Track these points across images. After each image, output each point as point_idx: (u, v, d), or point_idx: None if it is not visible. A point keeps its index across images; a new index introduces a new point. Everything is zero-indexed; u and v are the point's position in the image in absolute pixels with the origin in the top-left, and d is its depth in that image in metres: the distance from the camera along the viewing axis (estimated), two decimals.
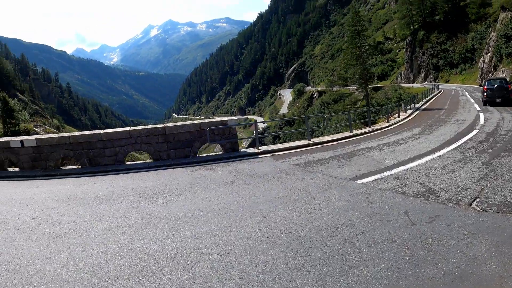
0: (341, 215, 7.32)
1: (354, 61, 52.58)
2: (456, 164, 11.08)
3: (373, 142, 17.29)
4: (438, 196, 8.20)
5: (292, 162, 13.68)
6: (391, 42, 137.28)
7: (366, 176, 10.40)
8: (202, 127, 16.45)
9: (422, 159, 12.19)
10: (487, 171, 10.02)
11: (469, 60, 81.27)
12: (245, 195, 9.39)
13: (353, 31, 52.90)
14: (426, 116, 28.91)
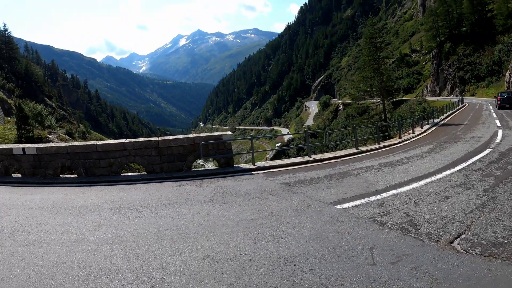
0: (299, 246, 6.81)
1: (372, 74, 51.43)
2: (454, 190, 10.18)
3: (376, 161, 16.44)
4: (418, 229, 7.40)
5: (282, 180, 13.19)
6: (417, 54, 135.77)
7: (350, 200, 9.74)
8: (196, 141, 16.18)
9: (419, 182, 11.33)
10: (486, 199, 9.11)
11: (496, 73, 79.33)
12: (216, 215, 9.19)
13: (370, 43, 51.82)
14: (443, 132, 27.83)
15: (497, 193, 9.53)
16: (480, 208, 8.42)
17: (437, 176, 12.12)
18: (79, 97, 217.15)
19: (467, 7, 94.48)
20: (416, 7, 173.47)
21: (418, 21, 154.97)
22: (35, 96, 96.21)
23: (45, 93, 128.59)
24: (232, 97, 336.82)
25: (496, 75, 79.35)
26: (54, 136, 41.85)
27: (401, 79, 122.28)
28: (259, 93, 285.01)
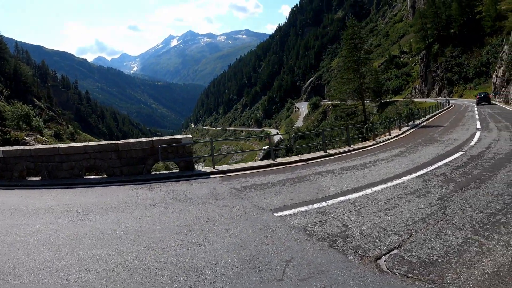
0: (216, 256, 6.50)
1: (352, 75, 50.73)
2: (406, 197, 9.60)
3: (339, 164, 15.79)
4: (347, 241, 6.84)
5: (236, 184, 12.81)
6: (406, 55, 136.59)
7: (292, 207, 9.27)
8: (155, 145, 15.81)
9: (372, 189, 10.71)
10: (437, 208, 8.52)
11: (483, 75, 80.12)
12: (154, 220, 8.96)
13: (350, 44, 51.13)
14: (420, 134, 27.30)
15: (451, 202, 8.94)
16: (426, 219, 7.82)
17: (394, 181, 11.53)
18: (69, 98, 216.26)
19: (456, 9, 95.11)
20: (406, 9, 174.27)
21: (408, 22, 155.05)
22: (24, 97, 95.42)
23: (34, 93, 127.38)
24: (223, 98, 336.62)
25: (484, 76, 79.90)
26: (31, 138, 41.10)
27: (390, 81, 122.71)
28: (249, 94, 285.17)
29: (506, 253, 5.97)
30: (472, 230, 7.07)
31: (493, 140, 20.19)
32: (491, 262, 5.70)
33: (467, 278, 5.24)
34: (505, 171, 12.10)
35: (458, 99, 78.65)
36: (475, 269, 5.48)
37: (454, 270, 5.48)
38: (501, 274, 5.32)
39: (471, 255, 5.97)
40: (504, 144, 18.58)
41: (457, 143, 20.01)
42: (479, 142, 19.94)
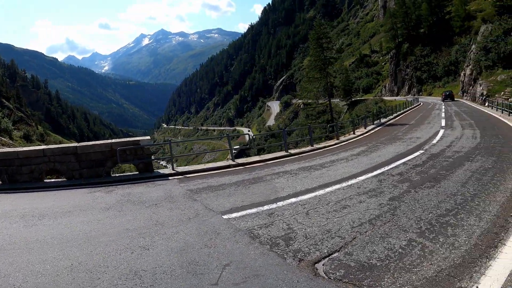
0: (158, 259, 6.46)
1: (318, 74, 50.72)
2: (358, 198, 9.55)
3: (298, 165, 15.62)
4: (289, 245, 6.78)
5: (192, 186, 12.61)
6: (377, 55, 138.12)
7: (242, 210, 9.21)
8: (113, 147, 15.48)
9: (326, 189, 10.64)
10: (387, 209, 8.48)
11: (452, 73, 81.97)
12: (105, 223, 8.84)
13: (316, 43, 51.08)
14: (384, 132, 27.39)
15: (402, 202, 8.90)
16: (373, 221, 7.76)
17: (349, 182, 11.44)
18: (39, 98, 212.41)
19: (426, 9, 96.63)
20: (377, 8, 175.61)
21: (379, 22, 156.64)
22: None
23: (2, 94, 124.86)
24: (195, 97, 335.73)
25: (453, 75, 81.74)
26: None
27: (360, 79, 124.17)
28: (221, 93, 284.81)
29: (449, 256, 5.88)
30: (418, 232, 7.00)
31: (455, 138, 20.33)
32: (431, 266, 5.60)
33: (403, 283, 5.14)
34: (462, 170, 12.10)
35: (427, 97, 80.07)
36: (413, 274, 5.38)
37: (391, 275, 5.37)
38: (440, 279, 5.21)
39: (412, 259, 5.87)
40: (466, 142, 18.70)
41: (419, 142, 20.08)
42: (441, 140, 20.04)
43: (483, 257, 5.83)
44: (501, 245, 6.23)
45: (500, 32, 52.35)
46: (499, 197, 8.91)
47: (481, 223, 7.26)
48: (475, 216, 7.66)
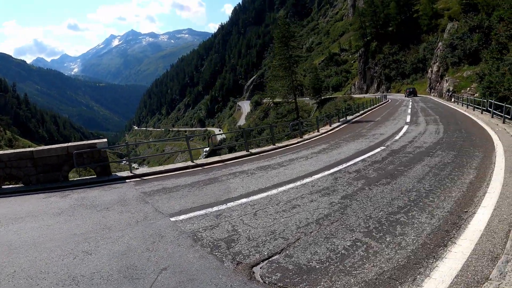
0: (99, 264, 6.30)
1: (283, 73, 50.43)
2: (310, 197, 9.33)
3: (256, 164, 15.35)
4: (230, 247, 6.61)
5: (147, 189, 12.33)
6: (346, 53, 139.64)
7: (191, 211, 9.01)
8: (69, 151, 15.15)
9: (279, 188, 10.43)
10: (336, 208, 8.27)
11: (420, 70, 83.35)
12: (55, 229, 8.59)
13: (281, 42, 50.80)
14: (349, 129, 27.28)
15: (354, 201, 8.71)
16: (321, 220, 7.55)
17: (304, 180, 11.21)
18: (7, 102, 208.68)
19: (394, 8, 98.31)
20: (347, 8, 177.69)
21: (348, 21, 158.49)
22: None
23: None
24: (166, 98, 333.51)
25: (420, 72, 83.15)
26: None
27: (330, 78, 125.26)
28: (192, 93, 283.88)
29: (393, 257, 5.63)
30: (365, 231, 6.76)
31: (418, 134, 20.32)
32: (373, 268, 5.35)
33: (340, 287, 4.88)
34: (420, 166, 11.97)
35: (395, 94, 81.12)
36: (353, 277, 5.14)
37: (329, 278, 5.14)
38: (380, 282, 4.96)
39: (353, 261, 5.63)
40: (428, 137, 18.66)
41: (382, 138, 19.98)
42: (404, 136, 19.99)
43: (430, 257, 5.59)
44: (451, 244, 6.01)
45: (466, 30, 52.97)
46: (455, 193, 8.75)
47: (432, 221, 7.04)
48: (427, 214, 7.45)
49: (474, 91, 40.68)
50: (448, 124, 24.18)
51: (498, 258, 5.36)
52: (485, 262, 5.30)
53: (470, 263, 5.31)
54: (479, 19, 50.38)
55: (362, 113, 42.78)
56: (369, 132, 23.46)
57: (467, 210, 7.51)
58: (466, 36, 52.41)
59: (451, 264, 5.31)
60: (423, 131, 21.22)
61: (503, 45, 37.17)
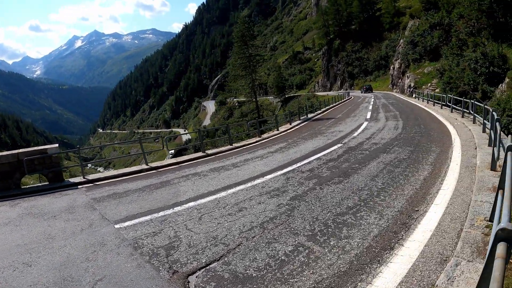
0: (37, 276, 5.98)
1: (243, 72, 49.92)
2: (259, 198, 9.06)
3: (210, 165, 14.91)
4: (169, 255, 6.31)
5: (97, 194, 11.81)
6: (310, 51, 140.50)
7: (137, 217, 8.68)
8: (20, 157, 14.35)
9: (229, 190, 10.16)
10: (284, 210, 7.99)
11: (382, 67, 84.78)
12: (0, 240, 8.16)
13: (240, 41, 50.27)
14: (309, 127, 26.95)
15: (303, 202, 8.42)
16: (265, 224, 7.27)
17: (256, 181, 10.90)
18: None
19: (356, 6, 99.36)
20: (310, 6, 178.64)
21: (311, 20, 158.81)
22: None
23: None
24: (130, 100, 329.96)
25: (383, 69, 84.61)
26: None
27: (293, 76, 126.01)
28: (156, 94, 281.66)
29: (335, 263, 5.33)
30: (309, 235, 6.46)
31: (377, 130, 20.22)
32: (312, 275, 5.05)
33: None
34: (375, 163, 11.77)
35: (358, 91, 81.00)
36: (289, 286, 4.85)
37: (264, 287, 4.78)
38: None
39: (292, 267, 5.34)
40: (387, 133, 18.56)
41: (341, 135, 19.79)
42: (363, 132, 19.86)
43: (374, 262, 5.29)
44: (398, 246, 5.72)
45: (427, 27, 53.67)
46: (407, 190, 8.54)
47: (381, 221, 6.76)
48: (376, 213, 7.18)
49: (434, 87, 41.29)
50: (407, 119, 24.21)
51: (447, 261, 5.07)
52: (433, 266, 5.02)
53: (416, 267, 5.02)
54: (439, 17, 51.09)
55: (324, 110, 42.63)
56: (328, 130, 23.24)
57: (418, 209, 7.27)
58: (426, 33, 53.20)
59: (396, 269, 5.01)
60: (382, 127, 21.13)
61: (463, 42, 37.95)
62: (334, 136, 19.51)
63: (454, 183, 8.76)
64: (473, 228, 5.86)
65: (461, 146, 13.33)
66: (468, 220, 6.28)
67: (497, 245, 2.56)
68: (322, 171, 11.33)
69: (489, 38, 34.04)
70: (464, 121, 20.14)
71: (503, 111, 21.53)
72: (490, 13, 34.14)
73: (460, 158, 11.37)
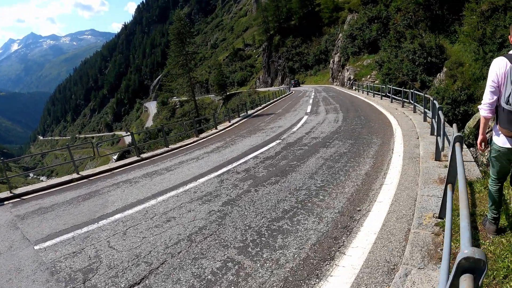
0: None
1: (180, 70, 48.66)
2: (189, 206, 8.24)
3: (144, 170, 13.96)
4: (87, 279, 5.49)
5: (22, 210, 10.60)
6: (250, 48, 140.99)
7: (59, 235, 7.71)
8: None
9: (159, 198, 9.31)
10: (214, 218, 7.19)
11: (323, 61, 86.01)
12: None
13: (177, 38, 49.01)
14: (248, 124, 26.37)
15: (236, 206, 7.64)
16: (194, 235, 6.46)
17: (188, 185, 10.06)
18: None
19: (296, 2, 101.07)
20: (250, 3, 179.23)
21: (252, 16, 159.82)
22: None
23: None
24: (70, 104, 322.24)
25: (323, 63, 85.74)
26: None
27: (235, 73, 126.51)
28: (97, 97, 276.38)
29: (267, 280, 4.57)
30: (240, 246, 5.68)
31: (316, 124, 19.73)
32: None
33: None
34: (314, 158, 11.12)
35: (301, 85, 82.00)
36: None
37: None
38: None
39: None
40: (327, 127, 18.06)
41: (280, 131, 19.18)
42: (302, 127, 19.34)
43: (312, 276, 4.54)
44: (339, 255, 4.98)
45: (365, 20, 54.40)
46: (348, 187, 7.85)
47: (319, 226, 6.01)
48: (315, 217, 6.43)
49: (374, 78, 41.70)
50: (347, 111, 23.86)
51: (396, 270, 4.38)
52: (379, 277, 4.31)
53: (361, 280, 4.29)
54: (377, 10, 51.91)
55: (264, 106, 42.33)
56: (267, 126, 22.65)
57: (360, 208, 6.58)
58: (365, 27, 53.86)
59: (338, 285, 4.28)
60: (322, 121, 20.69)
61: (400, 34, 38.52)
62: (273, 132, 18.87)
63: (397, 176, 8.17)
64: (421, 227, 5.22)
65: (402, 136, 12.90)
66: (415, 218, 5.61)
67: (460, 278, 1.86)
68: (259, 170, 10.60)
69: (426, 30, 34.69)
70: (404, 111, 20.02)
71: (442, 99, 22.07)
72: (427, 5, 34.83)
73: (403, 149, 10.87)
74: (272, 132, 18.89)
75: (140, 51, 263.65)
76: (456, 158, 4.09)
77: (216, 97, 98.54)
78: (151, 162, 16.19)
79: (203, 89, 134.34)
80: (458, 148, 4.29)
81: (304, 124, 20.17)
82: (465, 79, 23.96)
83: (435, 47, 29.72)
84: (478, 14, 25.47)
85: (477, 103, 21.50)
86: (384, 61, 36.95)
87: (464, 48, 27.15)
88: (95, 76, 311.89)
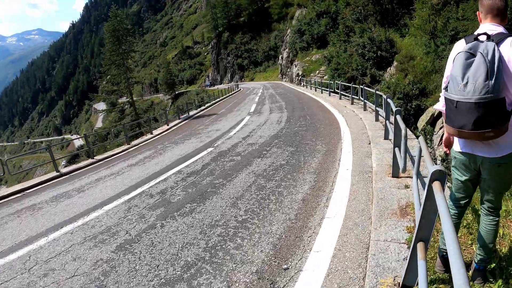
0: None
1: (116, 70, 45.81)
2: (77, 250, 6.17)
3: (57, 190, 11.59)
4: None
5: None
6: (199, 46, 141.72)
7: None
8: None
9: (51, 235, 7.15)
10: (98, 273, 5.18)
11: (272, 58, 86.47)
12: None
13: (112, 36, 46.13)
14: (187, 127, 24.46)
15: (130, 254, 5.61)
16: None
17: (90, 216, 7.95)
18: None
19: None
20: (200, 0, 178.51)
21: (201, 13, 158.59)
22: None
23: None
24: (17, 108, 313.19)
25: (272, 59, 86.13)
26: None
27: (183, 71, 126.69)
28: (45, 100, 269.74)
29: None
30: None
31: (257, 126, 18.09)
32: None
33: None
34: (244, 174, 9.24)
35: (249, 83, 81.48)
36: None
37: None
38: None
39: None
40: (267, 129, 16.44)
41: (216, 135, 17.36)
42: (241, 130, 17.63)
43: None
44: None
45: (314, 15, 53.93)
46: (277, 225, 5.83)
47: None
48: (222, 280, 4.38)
49: (323, 74, 41.16)
50: (293, 110, 22.45)
51: None
52: None
53: None
54: (326, 5, 51.16)
55: (209, 106, 40.72)
56: (206, 129, 20.75)
57: (288, 266, 4.49)
58: (314, 22, 53.32)
59: None
60: (263, 122, 19.13)
61: (350, 28, 38.02)
62: (208, 138, 16.94)
63: (344, 204, 6.21)
64: None
65: (352, 141, 11.23)
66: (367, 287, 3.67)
67: None
68: (176, 192, 8.51)
69: (376, 24, 34.26)
70: (354, 109, 18.60)
71: (393, 94, 21.44)
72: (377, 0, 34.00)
73: (352, 159, 9.10)
74: (208, 138, 16.94)
75: (89, 50, 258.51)
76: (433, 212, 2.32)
77: (164, 96, 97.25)
78: (69, 178, 13.86)
79: (152, 88, 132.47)
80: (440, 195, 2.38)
81: (244, 127, 18.46)
82: (417, 73, 23.52)
83: (385, 41, 29.18)
84: (429, 7, 25.06)
85: (429, 97, 21.33)
86: (333, 56, 36.36)
87: (415, 41, 26.75)
88: (42, 77, 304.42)
